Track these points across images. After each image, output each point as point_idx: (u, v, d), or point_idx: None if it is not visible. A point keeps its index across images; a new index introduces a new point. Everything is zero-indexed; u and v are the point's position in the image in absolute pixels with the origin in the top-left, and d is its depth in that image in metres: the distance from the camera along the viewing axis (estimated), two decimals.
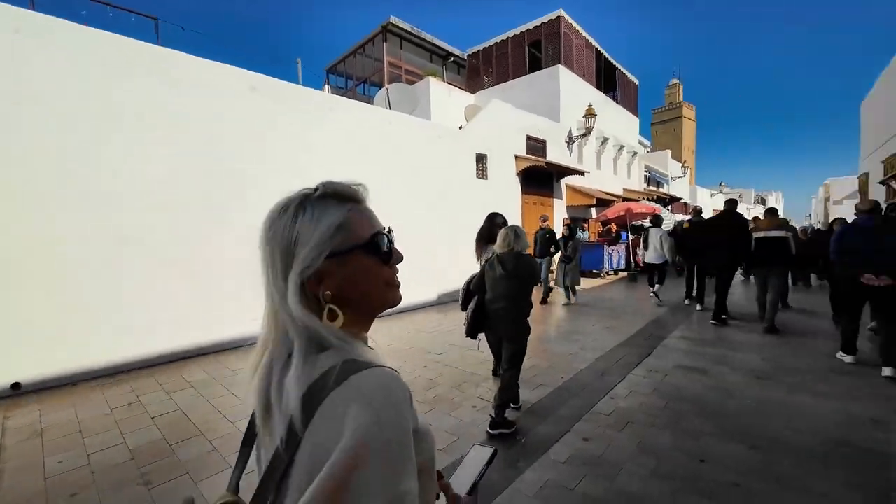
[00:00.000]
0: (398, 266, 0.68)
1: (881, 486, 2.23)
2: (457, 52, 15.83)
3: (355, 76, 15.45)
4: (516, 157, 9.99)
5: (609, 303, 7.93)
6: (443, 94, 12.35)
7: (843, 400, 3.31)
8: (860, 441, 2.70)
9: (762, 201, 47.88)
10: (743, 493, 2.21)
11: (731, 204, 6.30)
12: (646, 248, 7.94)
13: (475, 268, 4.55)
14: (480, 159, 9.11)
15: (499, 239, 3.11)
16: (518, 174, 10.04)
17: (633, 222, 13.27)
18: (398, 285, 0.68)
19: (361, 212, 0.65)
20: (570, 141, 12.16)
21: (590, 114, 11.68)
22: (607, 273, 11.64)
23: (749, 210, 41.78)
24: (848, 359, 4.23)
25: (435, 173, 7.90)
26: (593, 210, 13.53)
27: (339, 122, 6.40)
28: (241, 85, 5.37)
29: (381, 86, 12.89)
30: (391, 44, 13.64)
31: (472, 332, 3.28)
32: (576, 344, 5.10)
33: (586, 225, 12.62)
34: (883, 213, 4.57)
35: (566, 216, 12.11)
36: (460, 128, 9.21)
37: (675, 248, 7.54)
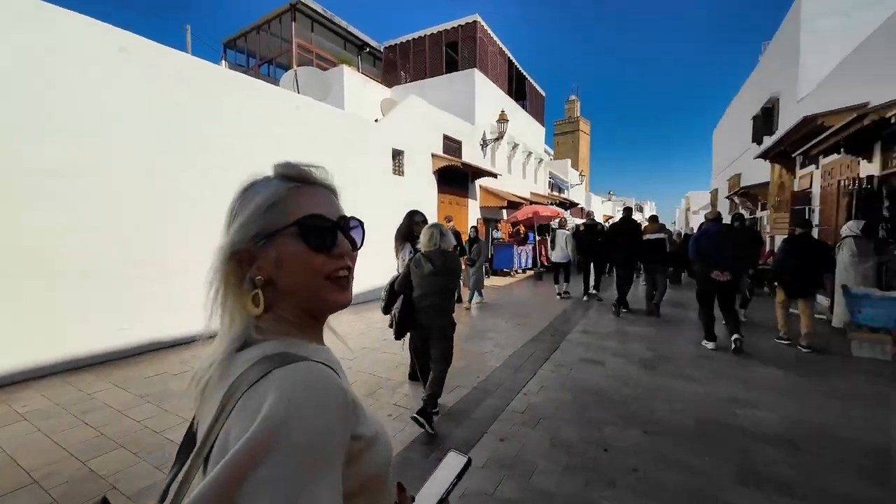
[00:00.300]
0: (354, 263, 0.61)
1: (742, 458, 2.60)
2: (373, 43, 15.31)
3: (259, 55, 14.01)
4: (433, 155, 9.98)
5: (518, 300, 8.35)
6: (358, 85, 11.82)
7: (709, 382, 3.86)
8: (724, 418, 3.14)
9: (640, 209, 55.48)
10: (640, 477, 2.39)
11: (628, 211, 7.38)
12: (553, 248, 8.64)
13: (392, 266, 4.38)
14: (397, 155, 8.89)
15: (424, 237, 3.07)
16: (435, 173, 10.04)
17: (539, 224, 14.26)
18: (345, 281, 0.60)
19: (305, 194, 0.58)
20: (485, 144, 12.58)
21: (503, 119, 12.21)
22: (516, 272, 12.30)
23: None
24: (710, 345, 4.95)
25: (349, 167, 7.47)
26: (504, 212, 14.20)
27: (239, 102, 5.65)
28: (104, 44, 4.39)
29: (288, 68, 11.86)
30: (301, 24, 12.63)
31: (400, 333, 3.16)
32: (490, 342, 5.21)
33: (499, 225, 13.19)
34: (730, 221, 5.70)
35: (479, 217, 12.50)
36: (376, 121, 8.87)
37: (576, 249, 8.44)
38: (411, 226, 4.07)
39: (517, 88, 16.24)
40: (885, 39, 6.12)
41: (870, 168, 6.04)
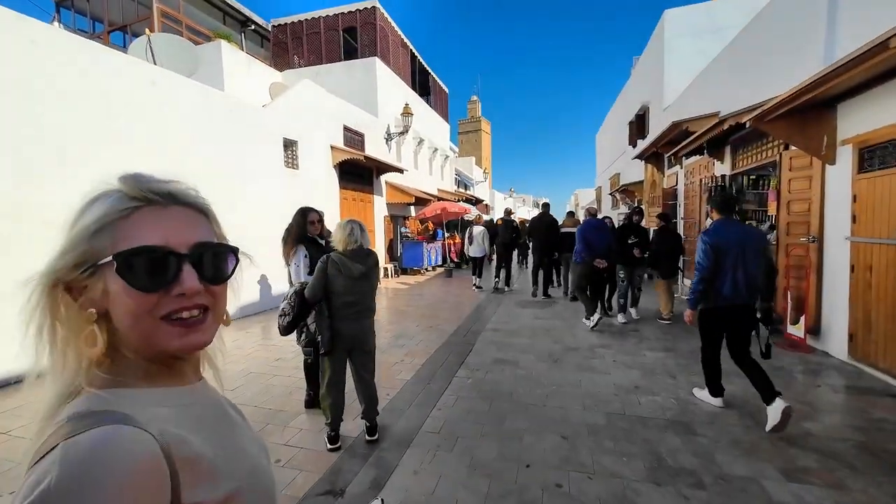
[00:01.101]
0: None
1: (651, 449, 2.62)
2: (259, 20, 13.66)
3: (107, 19, 11.46)
4: (333, 147, 9.16)
5: (429, 300, 8.09)
6: (240, 65, 10.34)
7: (611, 372, 3.99)
8: (630, 409, 3.21)
9: (537, 205, 60.28)
10: (564, 493, 2.23)
11: (546, 207, 8.36)
12: (471, 243, 9.08)
13: (282, 273, 3.70)
14: (290, 145, 7.92)
15: (340, 234, 2.66)
16: (336, 167, 9.23)
17: (448, 220, 14.26)
18: (194, 322, 0.49)
19: (145, 217, 0.48)
20: (389, 137, 12.05)
21: (407, 112, 11.82)
22: (426, 269, 12.09)
23: (529, 211, 51.57)
24: (590, 322, 5.51)
25: (228, 158, 6.36)
26: (412, 208, 13.87)
27: (75, 73, 4.30)
28: None
29: None
30: None
31: (330, 347, 2.67)
32: (401, 350, 4.81)
33: (407, 222, 12.81)
34: (627, 217, 6.46)
35: (386, 214, 11.97)
36: (264, 107, 7.77)
37: (491, 243, 9.11)
38: (304, 225, 3.45)
39: (421, 83, 15.99)
40: (727, 61, 7.17)
41: (722, 168, 7.05)
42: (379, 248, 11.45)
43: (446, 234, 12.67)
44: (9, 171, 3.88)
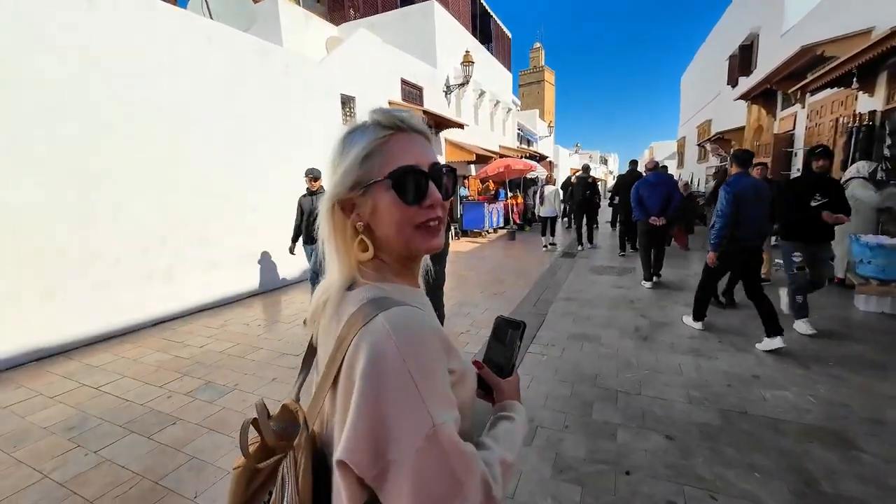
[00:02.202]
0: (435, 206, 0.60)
1: (794, 464, 2.03)
2: None
3: None
4: (390, 103, 8.71)
5: (493, 266, 7.64)
6: (297, 21, 10.04)
7: (718, 356, 3.32)
8: (752, 406, 2.59)
9: (605, 161, 55.71)
10: None
11: (634, 164, 7.82)
12: (542, 203, 8.91)
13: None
14: (347, 102, 7.60)
15: None
16: None
17: (510, 179, 13.42)
18: (436, 230, 0.61)
19: (399, 142, 0.59)
20: (448, 90, 11.29)
21: (468, 61, 10.88)
22: (487, 232, 11.58)
23: (595, 168, 47.86)
24: (647, 285, 5.45)
25: (286, 115, 6.19)
26: (472, 167, 13.21)
27: (124, 26, 4.23)
28: None
29: None
30: None
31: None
32: (466, 319, 4.49)
33: (466, 182, 12.23)
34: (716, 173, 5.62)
35: None
36: (320, 62, 7.45)
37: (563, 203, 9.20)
38: None
39: (482, 28, 14.69)
40: None
41: (870, 103, 5.52)
42: None
43: (509, 194, 11.92)
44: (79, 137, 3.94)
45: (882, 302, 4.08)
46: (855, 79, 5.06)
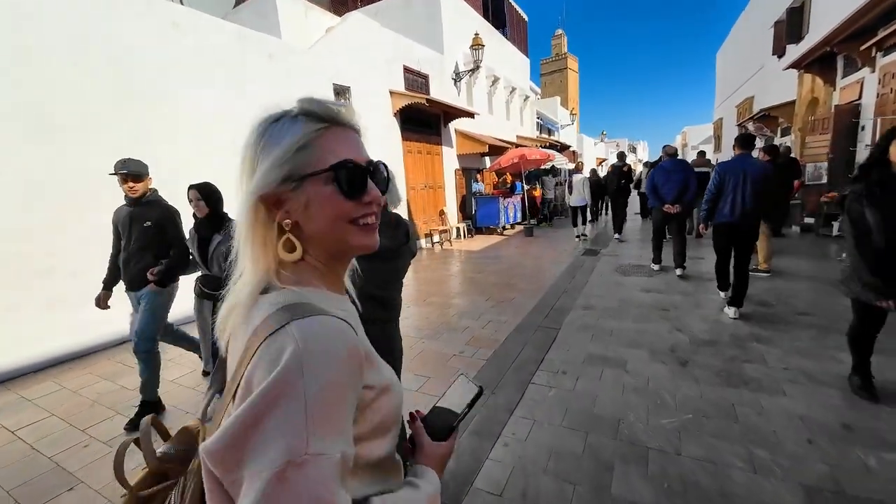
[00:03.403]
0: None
1: None
2: None
3: None
4: (392, 92, 8.07)
5: (505, 266, 6.88)
6: (296, 11, 9.53)
7: (784, 391, 2.49)
8: (853, 481, 1.78)
9: (633, 150, 53.13)
10: None
11: (672, 150, 6.51)
12: (570, 192, 8.90)
13: None
14: (341, 93, 7.02)
15: None
16: (396, 114, 8.18)
17: (529, 171, 12.55)
18: (372, 227, 0.59)
19: (335, 135, 0.56)
20: (458, 77, 10.53)
21: (477, 44, 10.06)
22: (503, 228, 10.79)
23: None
24: (655, 267, 5.59)
25: (267, 111, 5.65)
26: (487, 159, 12.42)
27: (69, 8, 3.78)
28: None
29: None
30: None
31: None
32: (463, 335, 3.79)
33: (480, 176, 11.46)
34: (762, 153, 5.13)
35: (457, 168, 10.75)
36: (309, 49, 6.88)
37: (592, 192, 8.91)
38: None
39: (495, 11, 13.80)
40: None
41: None
42: (450, 205, 10.41)
43: (526, 187, 11.07)
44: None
45: None
46: None
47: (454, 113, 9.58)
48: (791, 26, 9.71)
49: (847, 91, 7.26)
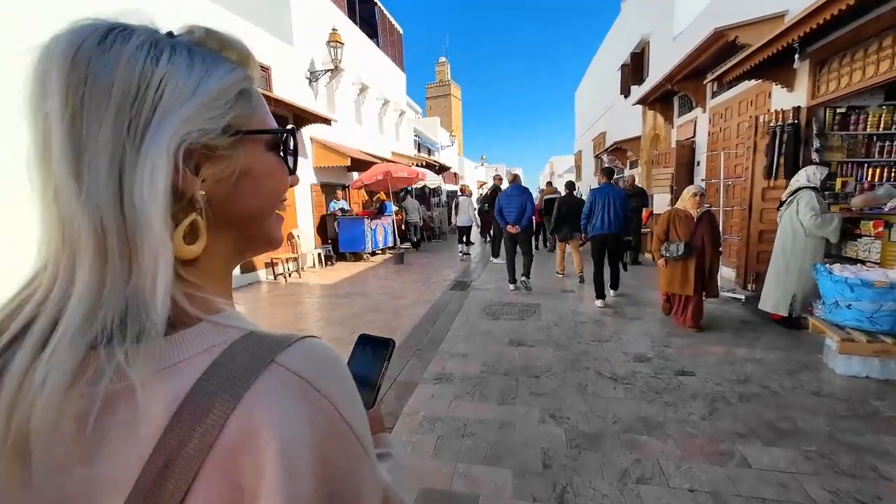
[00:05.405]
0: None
1: None
2: None
3: None
4: None
5: (354, 307, 5.44)
6: None
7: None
8: None
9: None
10: None
11: (571, 185, 6.98)
12: (457, 213, 9.86)
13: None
14: None
15: None
16: None
17: (402, 189, 11.52)
18: (282, 217, 0.44)
19: (260, 95, 0.41)
20: (314, 77, 8.95)
21: (335, 41, 8.66)
22: (368, 255, 9.40)
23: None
24: (511, 287, 5.90)
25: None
26: (356, 174, 10.98)
27: None
28: None
29: None
30: None
31: None
32: None
33: (344, 193, 9.92)
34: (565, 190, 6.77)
35: (315, 183, 9.08)
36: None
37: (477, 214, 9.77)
38: None
39: (365, 16, 12.69)
40: None
41: (790, 98, 4.63)
42: (305, 228, 8.64)
43: (394, 208, 9.94)
44: None
45: (868, 364, 2.83)
46: (797, 55, 4.00)
47: (306, 117, 7.96)
48: (634, 70, 10.67)
49: (683, 129, 7.87)
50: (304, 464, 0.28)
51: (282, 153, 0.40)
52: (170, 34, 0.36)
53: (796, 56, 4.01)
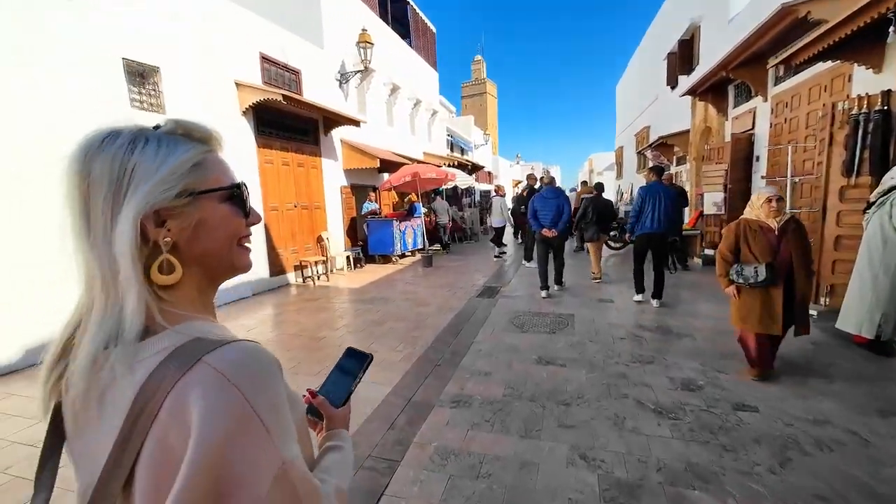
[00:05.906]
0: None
1: None
2: None
3: None
4: (238, 84, 6.18)
5: (378, 313, 5.28)
6: None
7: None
8: None
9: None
10: None
11: (600, 187, 7.27)
12: (490, 213, 10.00)
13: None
14: (144, 74, 4.96)
15: None
16: (246, 112, 6.29)
17: (432, 190, 11.34)
18: (249, 248, 0.59)
19: (218, 158, 0.56)
20: (344, 79, 8.92)
21: (365, 41, 8.59)
22: (397, 257, 9.27)
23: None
24: (544, 293, 5.55)
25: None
26: (386, 175, 10.91)
27: None
28: None
29: None
30: None
31: None
32: None
33: (375, 195, 9.85)
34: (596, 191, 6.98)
35: (345, 185, 9.06)
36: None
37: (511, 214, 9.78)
38: None
39: (397, 16, 12.61)
40: None
41: (876, 81, 3.94)
42: (335, 229, 8.64)
43: (424, 210, 9.75)
44: None
45: None
46: (893, 28, 3.35)
47: (336, 119, 7.93)
48: (682, 58, 9.84)
49: (740, 121, 7.09)
50: (210, 435, 0.39)
51: (233, 202, 0.54)
52: (156, 127, 0.51)
53: (890, 29, 3.35)
